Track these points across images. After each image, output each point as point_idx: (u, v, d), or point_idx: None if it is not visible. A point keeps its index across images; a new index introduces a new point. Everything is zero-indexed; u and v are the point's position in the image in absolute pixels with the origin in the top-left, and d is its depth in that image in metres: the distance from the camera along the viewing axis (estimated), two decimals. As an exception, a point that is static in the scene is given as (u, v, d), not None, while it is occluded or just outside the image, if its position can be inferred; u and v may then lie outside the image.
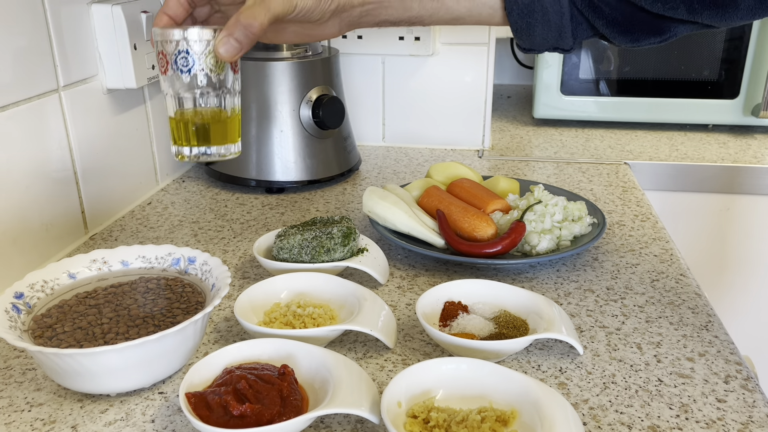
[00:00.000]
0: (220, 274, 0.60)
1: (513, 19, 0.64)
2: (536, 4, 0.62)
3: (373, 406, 0.49)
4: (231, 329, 0.66)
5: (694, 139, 1.31)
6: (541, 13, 0.62)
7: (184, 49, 0.59)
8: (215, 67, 0.60)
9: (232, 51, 0.57)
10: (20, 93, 0.73)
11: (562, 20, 0.63)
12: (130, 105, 0.95)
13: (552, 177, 1.10)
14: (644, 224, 0.90)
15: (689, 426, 0.52)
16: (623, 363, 0.60)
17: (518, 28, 0.64)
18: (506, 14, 0.64)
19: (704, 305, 0.70)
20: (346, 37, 1.17)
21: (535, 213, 0.81)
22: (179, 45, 0.59)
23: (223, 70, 0.61)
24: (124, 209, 0.96)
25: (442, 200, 0.84)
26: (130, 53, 0.86)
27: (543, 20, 0.63)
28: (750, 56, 1.26)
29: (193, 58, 0.59)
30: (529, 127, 1.41)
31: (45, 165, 0.78)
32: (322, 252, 0.71)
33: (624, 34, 0.62)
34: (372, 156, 1.21)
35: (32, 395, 0.56)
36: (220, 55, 0.57)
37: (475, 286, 0.66)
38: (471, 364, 0.53)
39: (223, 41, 0.56)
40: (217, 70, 0.60)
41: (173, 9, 0.62)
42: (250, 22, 0.55)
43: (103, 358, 0.51)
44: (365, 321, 0.60)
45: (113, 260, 0.65)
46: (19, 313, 0.56)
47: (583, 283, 0.75)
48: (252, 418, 0.47)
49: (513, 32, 0.65)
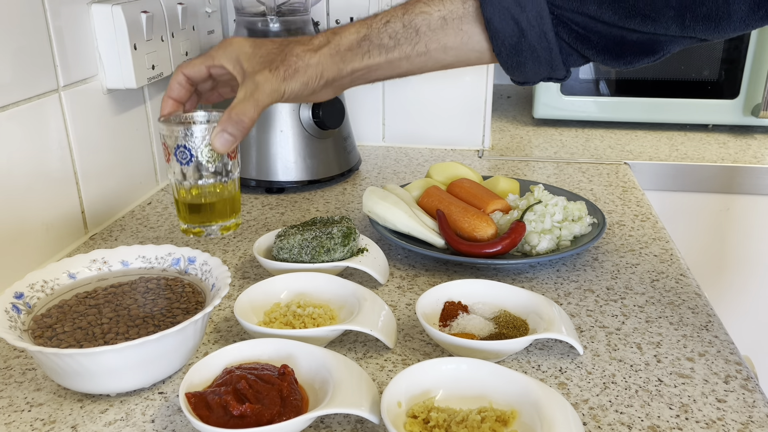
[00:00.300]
0: (220, 274, 0.60)
1: (502, 59, 0.64)
2: (523, 44, 0.62)
3: (373, 406, 0.49)
4: (231, 329, 0.66)
5: (694, 139, 1.31)
6: (529, 51, 0.63)
7: (182, 144, 0.65)
8: (212, 157, 0.66)
9: (226, 144, 0.62)
10: (20, 93, 0.73)
11: (551, 55, 0.63)
12: (130, 105, 0.95)
13: (552, 177, 1.10)
14: (644, 224, 0.90)
15: (689, 426, 0.52)
16: (623, 363, 0.60)
17: (509, 66, 0.65)
18: (495, 55, 0.64)
19: (704, 305, 0.70)
20: (346, 37, 1.17)
21: (535, 213, 0.81)
22: (178, 140, 0.65)
23: (221, 158, 0.67)
24: (124, 209, 0.96)
25: (442, 200, 0.84)
26: (130, 53, 0.86)
27: (532, 57, 0.63)
28: (750, 56, 1.26)
29: (191, 151, 0.65)
30: (529, 127, 1.41)
31: (45, 165, 0.78)
32: (322, 252, 0.71)
33: (617, 59, 0.61)
34: (372, 156, 1.21)
35: (32, 395, 0.56)
36: (215, 148, 0.62)
37: (475, 286, 0.66)
38: (471, 364, 0.53)
39: (218, 136, 0.61)
40: (214, 160, 0.66)
41: (176, 92, 0.67)
42: (241, 118, 0.61)
43: (103, 358, 0.51)
44: (365, 321, 0.60)
45: (113, 260, 0.65)
46: (19, 313, 0.56)
47: (583, 283, 0.75)
48: (252, 418, 0.47)
49: (505, 70, 0.66)
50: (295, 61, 0.62)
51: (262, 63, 0.62)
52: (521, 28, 0.61)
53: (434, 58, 0.65)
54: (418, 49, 0.64)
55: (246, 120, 0.61)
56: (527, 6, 0.60)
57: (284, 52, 0.63)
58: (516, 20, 0.61)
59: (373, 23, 0.64)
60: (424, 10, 0.64)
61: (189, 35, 1.03)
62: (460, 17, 0.64)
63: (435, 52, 0.65)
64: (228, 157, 0.68)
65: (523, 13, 0.61)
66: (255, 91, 0.61)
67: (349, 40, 0.63)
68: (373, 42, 0.64)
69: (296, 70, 0.62)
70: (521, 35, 0.62)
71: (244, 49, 0.64)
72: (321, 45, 0.63)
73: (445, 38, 0.64)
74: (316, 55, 0.63)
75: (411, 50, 0.64)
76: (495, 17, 0.62)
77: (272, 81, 0.61)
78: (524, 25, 0.61)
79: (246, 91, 0.61)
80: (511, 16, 0.61)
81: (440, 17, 0.64)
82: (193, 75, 0.66)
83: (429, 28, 0.64)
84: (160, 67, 0.94)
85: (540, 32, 0.61)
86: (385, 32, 0.64)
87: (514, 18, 0.61)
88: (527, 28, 0.61)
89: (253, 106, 0.61)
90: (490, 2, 0.61)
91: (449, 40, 0.64)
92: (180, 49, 1.00)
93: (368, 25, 0.64)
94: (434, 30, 0.64)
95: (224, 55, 0.64)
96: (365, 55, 0.64)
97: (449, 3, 0.64)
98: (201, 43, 1.10)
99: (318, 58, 0.63)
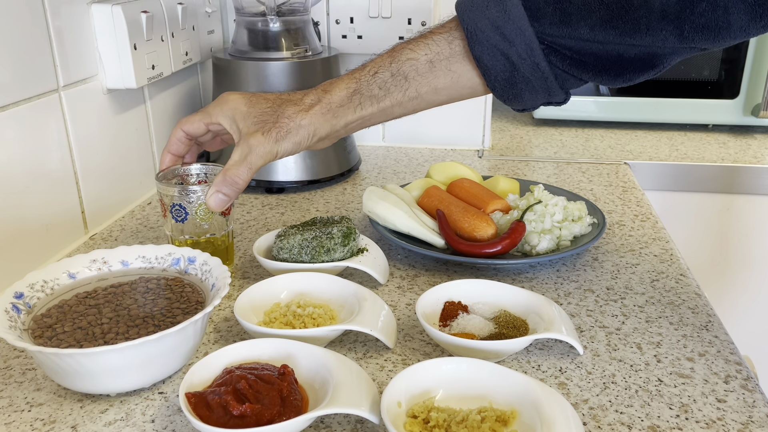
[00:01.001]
0: (220, 274, 0.60)
1: (498, 93, 0.65)
2: (516, 77, 0.62)
3: (373, 406, 0.49)
4: (231, 329, 0.66)
5: (694, 139, 1.31)
6: (523, 83, 0.63)
7: (178, 203, 0.69)
8: (206, 215, 0.70)
9: (220, 204, 0.65)
10: (20, 93, 0.73)
11: (546, 83, 0.63)
12: (130, 105, 0.95)
13: (552, 177, 1.10)
14: (644, 224, 0.90)
15: (689, 426, 0.52)
16: (623, 363, 0.60)
17: (505, 98, 0.65)
18: (491, 90, 0.65)
19: (704, 305, 0.70)
20: (346, 37, 1.17)
21: (535, 213, 0.81)
22: (174, 198, 0.69)
23: (213, 216, 0.71)
24: (124, 209, 0.96)
25: (442, 200, 0.84)
26: (130, 53, 0.86)
27: (527, 88, 0.63)
28: (750, 56, 1.26)
29: (186, 210, 0.69)
30: (529, 127, 1.41)
31: (45, 165, 0.78)
32: (322, 252, 0.71)
33: (616, 77, 0.61)
34: (372, 156, 1.21)
35: (32, 395, 0.56)
36: (210, 207, 0.65)
37: (475, 286, 0.66)
38: (471, 364, 0.53)
39: (212, 197, 0.64)
40: (207, 218, 0.71)
41: (175, 147, 0.70)
42: (235, 180, 0.64)
43: (103, 358, 0.51)
44: (365, 321, 0.60)
45: (113, 260, 0.65)
46: (19, 313, 0.56)
47: (583, 283, 0.75)
48: (252, 418, 0.47)
49: (502, 102, 0.66)
50: (287, 123, 0.64)
51: (256, 124, 0.65)
52: (512, 63, 0.62)
53: (426, 100, 0.66)
54: (409, 95, 0.65)
55: (240, 182, 0.64)
56: (515, 40, 0.60)
57: (276, 113, 0.65)
58: (506, 55, 0.61)
59: (361, 76, 0.66)
60: (411, 56, 0.65)
61: (189, 35, 1.03)
62: (447, 58, 0.64)
63: (426, 95, 0.66)
64: (222, 215, 0.72)
65: (512, 47, 0.61)
66: (249, 154, 0.63)
67: (339, 96, 0.65)
68: (363, 95, 0.65)
69: (288, 131, 0.64)
70: (513, 69, 0.62)
71: (240, 108, 0.66)
72: (312, 104, 0.65)
73: (435, 80, 0.65)
74: (308, 115, 0.64)
75: (402, 96, 0.65)
76: (484, 55, 0.62)
77: (265, 144, 0.63)
78: (515, 59, 0.61)
79: (241, 153, 0.64)
80: (500, 52, 0.61)
81: (427, 61, 0.64)
82: (192, 131, 0.69)
83: (417, 73, 0.65)
84: (160, 67, 0.94)
85: (532, 64, 0.61)
86: (374, 83, 0.65)
87: (504, 53, 0.61)
88: (518, 61, 0.61)
89: (247, 169, 0.63)
90: (478, 41, 0.62)
91: (439, 81, 0.65)
92: (180, 49, 1.00)
93: (357, 78, 0.65)
94: (423, 74, 0.65)
95: (221, 114, 0.67)
96: (357, 108, 0.65)
97: (435, 45, 0.64)
98: (201, 43, 1.10)
99: (309, 118, 0.64)
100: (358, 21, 1.15)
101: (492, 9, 0.61)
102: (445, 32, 0.65)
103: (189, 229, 0.71)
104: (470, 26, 0.62)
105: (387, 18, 1.13)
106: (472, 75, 0.65)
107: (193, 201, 0.69)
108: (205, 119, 0.68)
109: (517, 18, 0.60)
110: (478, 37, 0.62)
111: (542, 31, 0.60)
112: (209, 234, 0.72)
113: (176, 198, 0.69)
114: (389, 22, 1.14)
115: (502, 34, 0.61)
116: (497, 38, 0.61)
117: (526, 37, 0.60)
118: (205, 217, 0.70)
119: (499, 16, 0.60)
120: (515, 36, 0.60)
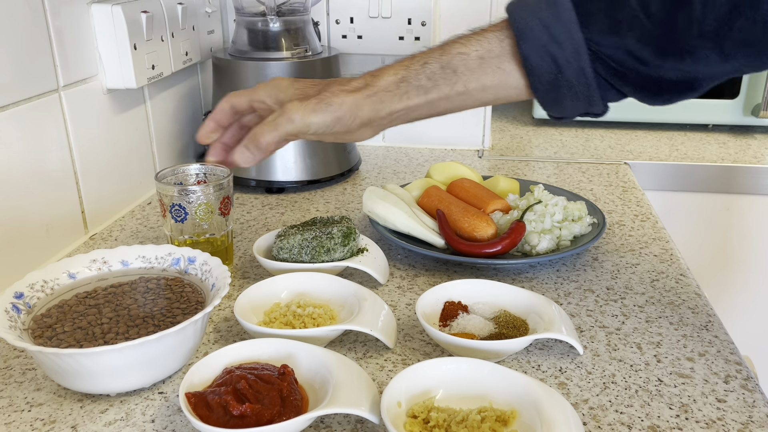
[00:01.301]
0: (220, 274, 0.60)
1: (540, 95, 0.64)
2: (561, 80, 0.62)
3: (373, 406, 0.49)
4: (231, 329, 0.66)
5: (694, 139, 1.31)
6: (567, 87, 0.62)
7: (178, 203, 0.69)
8: (205, 215, 0.70)
9: (245, 160, 0.64)
10: (20, 93, 0.73)
11: (589, 90, 0.62)
12: (130, 105, 0.95)
13: (552, 177, 1.10)
14: (644, 224, 0.90)
15: (689, 426, 0.52)
16: (623, 363, 0.60)
17: (546, 102, 0.64)
18: (533, 92, 0.64)
19: (704, 305, 0.70)
20: (346, 37, 1.17)
21: (535, 213, 0.81)
22: (173, 198, 0.69)
23: (213, 216, 0.71)
24: (124, 209, 0.96)
25: (442, 200, 0.84)
26: (130, 53, 0.86)
27: (570, 93, 0.62)
28: (750, 56, 1.25)
29: (185, 210, 0.69)
30: (529, 127, 1.41)
31: (45, 165, 0.78)
32: (322, 252, 0.71)
33: (655, 96, 0.60)
34: (372, 156, 1.21)
35: (32, 395, 0.56)
36: (236, 162, 0.64)
37: (475, 286, 0.66)
38: (471, 364, 0.53)
39: (238, 151, 0.63)
40: (207, 218, 0.70)
41: (219, 115, 0.69)
42: (258, 139, 0.62)
43: (103, 358, 0.51)
44: (365, 321, 0.60)
45: (113, 260, 0.65)
46: (19, 313, 0.56)
47: (583, 283, 0.75)
48: (252, 418, 0.47)
49: (542, 106, 0.65)
50: (329, 96, 0.63)
51: (296, 94, 0.64)
52: (558, 65, 0.61)
53: (473, 97, 0.65)
54: (457, 89, 0.64)
55: (263, 142, 0.62)
56: (564, 42, 0.60)
57: (320, 88, 0.64)
58: (553, 57, 0.61)
59: (411, 65, 0.65)
60: (462, 50, 0.64)
61: (189, 35, 1.03)
62: (497, 56, 0.63)
63: (474, 92, 0.65)
64: (221, 215, 0.71)
65: (560, 49, 0.60)
66: (279, 116, 0.62)
67: (387, 81, 0.64)
68: (411, 83, 0.64)
69: (329, 103, 0.62)
70: (558, 71, 0.61)
71: (284, 83, 0.66)
72: (359, 87, 0.64)
73: (483, 77, 0.64)
74: (352, 95, 0.63)
75: (450, 90, 0.64)
76: (532, 54, 0.61)
77: (299, 109, 0.62)
78: (561, 62, 0.61)
79: (273, 115, 0.63)
80: (548, 53, 0.61)
81: (478, 57, 0.64)
82: (237, 104, 0.68)
83: (467, 67, 0.64)
84: (160, 67, 0.94)
85: (578, 68, 0.60)
86: (423, 73, 0.64)
87: (552, 55, 0.60)
88: (564, 64, 0.61)
89: (272, 129, 0.62)
90: (527, 40, 0.61)
91: (488, 79, 0.64)
92: (180, 49, 1.00)
93: (406, 66, 0.65)
94: (472, 70, 0.64)
95: (265, 91, 0.66)
96: (403, 96, 0.64)
97: (486, 42, 0.64)
98: (201, 43, 1.10)
99: (354, 98, 0.63)
100: (358, 21, 1.15)
101: (543, 10, 0.60)
102: (497, 30, 0.64)
103: (188, 229, 0.71)
104: (520, 24, 0.61)
105: (387, 18, 1.13)
106: (518, 76, 0.64)
107: (192, 201, 0.69)
108: (251, 95, 0.67)
109: (567, 21, 0.59)
110: (527, 35, 0.61)
111: (590, 37, 0.59)
112: (209, 234, 0.72)
113: (176, 198, 0.69)
114: (389, 22, 1.14)
115: (551, 35, 0.60)
116: (546, 38, 0.60)
117: (575, 41, 0.59)
118: (205, 217, 0.70)
119: (549, 17, 0.60)
120: (564, 38, 0.60)
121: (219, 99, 1.02)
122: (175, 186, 0.70)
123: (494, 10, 1.14)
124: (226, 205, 0.72)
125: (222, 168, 0.73)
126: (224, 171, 0.73)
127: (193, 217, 0.70)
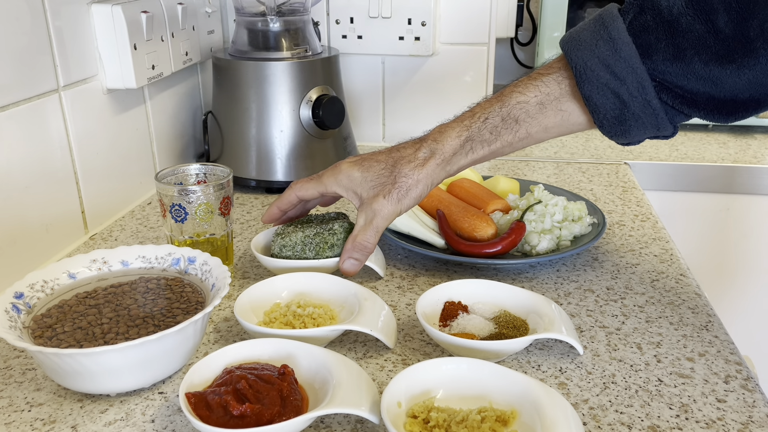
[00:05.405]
0: (220, 274, 0.60)
1: (605, 130, 0.64)
2: (626, 114, 0.61)
3: (373, 406, 0.49)
4: (231, 329, 0.66)
5: (694, 139, 1.31)
6: (633, 119, 0.61)
7: (177, 203, 0.69)
8: (205, 215, 0.70)
9: (353, 269, 0.69)
10: (20, 93, 0.73)
11: (656, 119, 0.61)
12: (130, 105, 0.95)
13: (552, 177, 1.10)
14: (644, 224, 0.90)
15: (689, 426, 0.52)
16: (623, 363, 0.60)
17: (612, 134, 0.64)
18: (598, 127, 0.64)
19: (704, 305, 0.70)
20: (346, 37, 1.17)
21: (535, 213, 0.81)
22: (173, 198, 0.69)
23: (213, 216, 0.71)
24: (124, 209, 0.96)
25: (442, 200, 0.84)
26: (130, 53, 0.86)
27: (636, 124, 0.62)
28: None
29: (185, 210, 0.69)
30: (529, 127, 1.41)
31: (45, 165, 0.78)
32: (326, 248, 0.71)
33: (728, 116, 0.59)
34: (372, 156, 1.20)
35: (32, 395, 0.56)
36: (345, 271, 0.69)
37: (475, 286, 0.66)
38: (471, 364, 0.53)
39: (346, 262, 0.69)
40: (206, 218, 0.71)
41: (285, 206, 0.73)
42: (364, 245, 0.68)
43: (103, 358, 0.51)
44: (365, 321, 0.60)
45: (113, 260, 0.65)
46: (19, 313, 0.56)
47: (583, 283, 0.75)
48: (252, 418, 0.47)
49: (608, 137, 0.65)
50: (405, 181, 0.66)
51: (374, 188, 0.67)
52: (623, 101, 0.60)
53: (536, 138, 0.67)
54: (520, 135, 0.66)
55: (369, 245, 0.68)
56: (627, 78, 0.59)
57: (393, 174, 0.66)
58: (617, 94, 0.60)
59: (472, 124, 0.66)
60: (521, 99, 0.65)
61: (189, 35, 1.03)
62: (557, 98, 0.64)
63: (537, 134, 0.66)
64: (222, 215, 0.72)
65: (623, 86, 0.60)
66: (374, 218, 0.66)
67: (452, 146, 0.66)
68: (475, 141, 0.66)
69: (408, 189, 0.66)
70: (623, 107, 0.61)
71: (354, 175, 0.68)
72: (426, 158, 0.66)
73: (545, 120, 0.65)
74: (424, 170, 0.66)
75: (513, 138, 0.66)
76: (594, 94, 0.61)
77: (388, 206, 0.66)
78: (626, 98, 0.60)
79: (366, 217, 0.67)
80: (611, 91, 0.60)
81: (537, 102, 0.64)
82: (306, 197, 0.72)
83: (528, 115, 0.65)
84: (160, 67, 0.94)
85: (643, 101, 0.60)
86: (485, 129, 0.66)
87: (615, 92, 0.60)
88: (629, 99, 0.60)
89: (374, 233, 0.67)
90: (587, 80, 0.61)
91: (549, 121, 0.65)
92: (180, 49, 1.00)
93: (467, 126, 0.66)
94: (533, 116, 0.65)
95: (336, 183, 0.69)
96: (469, 153, 0.67)
97: (544, 86, 0.64)
98: (201, 43, 1.10)
99: (426, 171, 0.66)
100: (358, 21, 1.15)
101: (602, 47, 0.60)
102: (553, 72, 0.64)
103: (188, 229, 0.71)
104: (579, 65, 0.61)
105: (387, 18, 1.13)
106: (579, 113, 0.64)
107: (192, 201, 0.69)
108: (320, 188, 0.70)
109: (628, 56, 0.59)
110: (587, 75, 0.61)
111: (654, 68, 0.58)
112: (209, 234, 0.72)
113: (176, 198, 0.69)
114: (389, 22, 1.14)
115: (613, 73, 0.59)
116: (607, 77, 0.60)
117: (638, 75, 0.59)
118: (205, 217, 0.70)
119: (609, 54, 0.59)
120: (626, 74, 0.59)
121: (219, 99, 1.02)
122: (175, 186, 0.70)
123: (494, 10, 1.14)
124: (226, 205, 0.72)
125: (222, 168, 0.74)
126: (224, 171, 0.73)
127: (193, 217, 0.70)
